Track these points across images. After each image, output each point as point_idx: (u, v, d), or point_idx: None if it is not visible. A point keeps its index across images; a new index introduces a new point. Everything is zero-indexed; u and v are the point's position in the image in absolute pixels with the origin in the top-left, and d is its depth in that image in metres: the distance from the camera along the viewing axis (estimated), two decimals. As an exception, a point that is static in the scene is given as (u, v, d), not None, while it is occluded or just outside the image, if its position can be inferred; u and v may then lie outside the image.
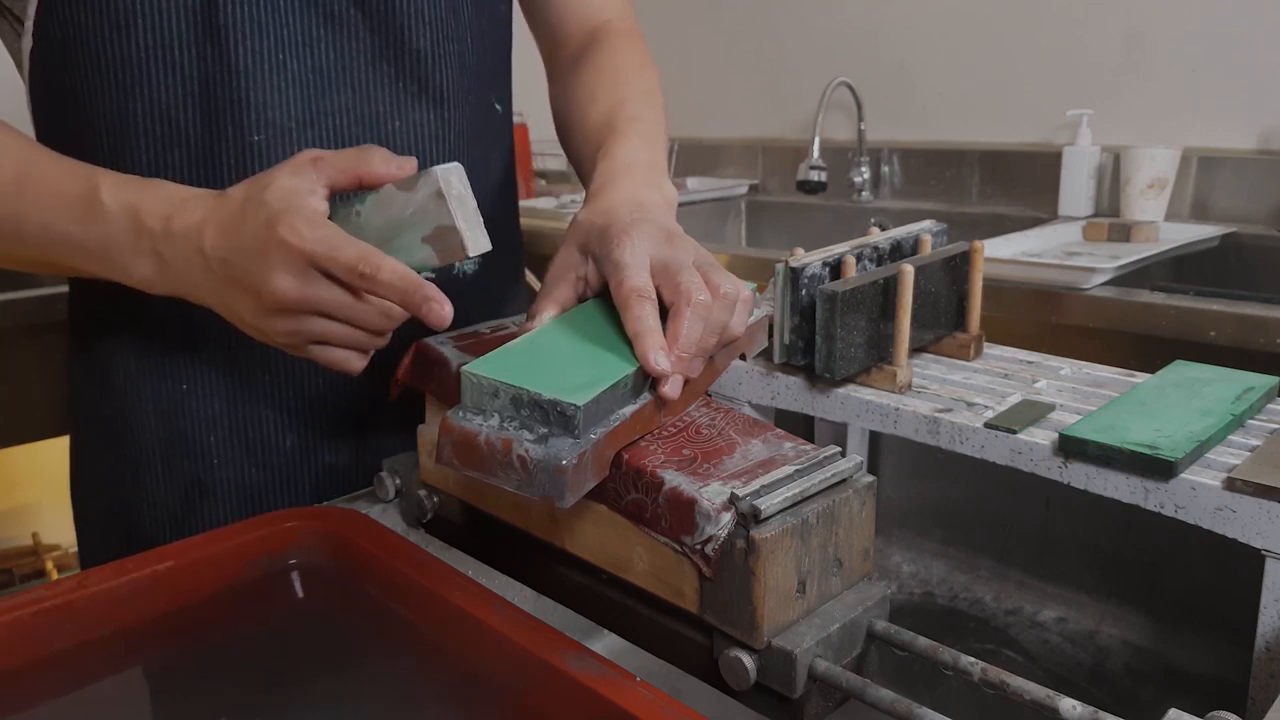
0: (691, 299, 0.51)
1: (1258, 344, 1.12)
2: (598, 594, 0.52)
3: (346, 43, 0.68)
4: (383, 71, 0.69)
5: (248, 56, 0.64)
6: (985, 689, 0.42)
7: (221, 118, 0.65)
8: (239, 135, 0.65)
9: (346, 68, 0.68)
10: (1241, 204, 1.64)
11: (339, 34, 0.67)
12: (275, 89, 0.65)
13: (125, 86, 0.64)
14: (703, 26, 2.36)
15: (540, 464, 0.43)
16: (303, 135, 0.67)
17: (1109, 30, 1.75)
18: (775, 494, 0.44)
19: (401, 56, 0.70)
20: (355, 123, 0.69)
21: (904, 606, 0.86)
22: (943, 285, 0.77)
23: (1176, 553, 0.75)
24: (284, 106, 0.66)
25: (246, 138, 0.65)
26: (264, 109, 0.65)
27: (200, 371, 0.71)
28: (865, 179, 2.05)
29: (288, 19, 0.65)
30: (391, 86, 0.70)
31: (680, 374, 0.49)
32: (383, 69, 0.69)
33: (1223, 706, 0.39)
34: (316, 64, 0.67)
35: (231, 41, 0.64)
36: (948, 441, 0.66)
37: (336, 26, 0.67)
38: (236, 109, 0.65)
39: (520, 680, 0.46)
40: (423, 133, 0.72)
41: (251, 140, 0.65)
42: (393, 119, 0.70)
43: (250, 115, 0.65)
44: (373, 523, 0.58)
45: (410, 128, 0.71)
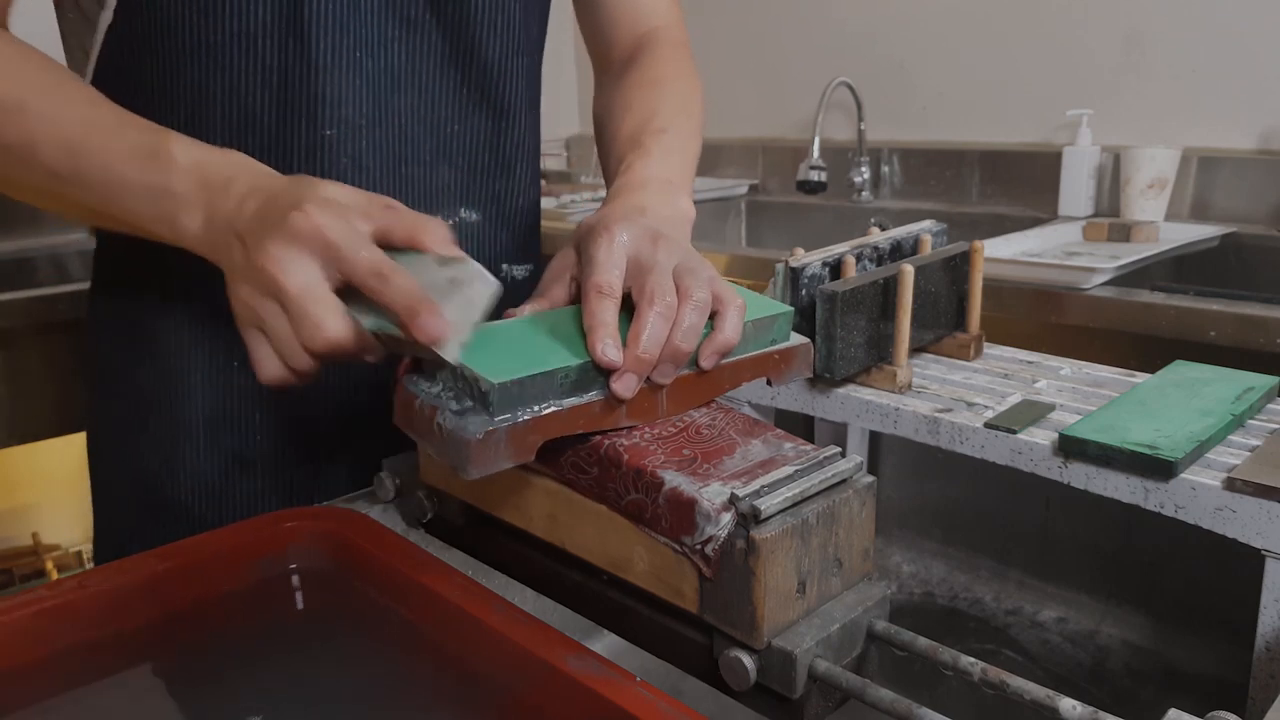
0: (655, 299, 0.50)
1: (1258, 344, 1.12)
2: (598, 594, 0.52)
3: (419, 46, 0.69)
4: (449, 77, 0.71)
5: (327, 53, 0.66)
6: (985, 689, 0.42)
7: (297, 109, 0.66)
8: (312, 128, 0.67)
9: (416, 70, 0.69)
10: (1241, 204, 1.64)
11: (413, 36, 0.69)
12: (350, 86, 0.67)
13: (207, 71, 0.65)
14: (703, 26, 2.36)
15: (451, 434, 0.46)
16: (371, 133, 0.68)
17: (1109, 30, 1.75)
18: (775, 494, 0.44)
19: (469, 65, 0.71)
20: (418, 124, 0.70)
21: (904, 606, 0.86)
22: (943, 285, 0.77)
23: (1176, 553, 0.75)
24: (356, 104, 0.67)
25: (319, 131, 0.67)
26: (338, 105, 0.67)
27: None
28: (865, 179, 2.05)
29: (367, 18, 0.67)
30: (456, 92, 0.72)
31: (634, 373, 0.49)
32: (450, 74, 0.71)
33: (1223, 706, 0.39)
34: (389, 64, 0.68)
35: (313, 36, 0.65)
36: (948, 441, 0.66)
37: (411, 29, 0.69)
38: (312, 102, 0.66)
39: (520, 680, 0.46)
40: (479, 139, 0.74)
41: (324, 134, 0.67)
42: (452, 123, 0.72)
43: (325, 110, 0.67)
44: (373, 523, 0.58)
45: (469, 133, 0.73)
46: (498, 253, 0.78)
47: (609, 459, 0.48)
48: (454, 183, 0.74)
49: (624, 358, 0.49)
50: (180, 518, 0.75)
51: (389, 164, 0.70)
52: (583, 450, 0.49)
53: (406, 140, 0.70)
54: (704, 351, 0.52)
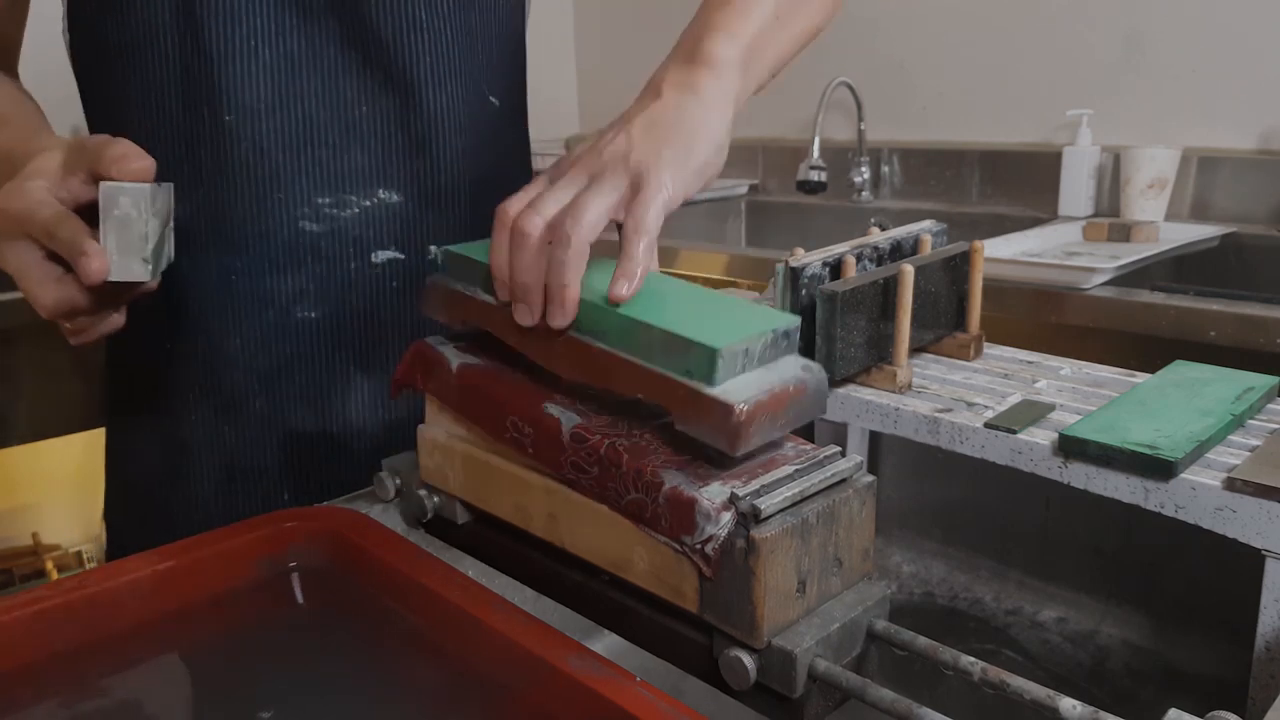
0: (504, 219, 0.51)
1: (1258, 344, 1.12)
2: (598, 594, 0.52)
3: (316, 31, 0.71)
4: (350, 58, 0.72)
5: (221, 43, 0.69)
6: (985, 689, 0.42)
7: (199, 100, 0.70)
8: (214, 116, 0.70)
9: (316, 54, 0.71)
10: (1241, 204, 1.64)
11: (309, 22, 0.71)
12: (247, 74, 0.70)
13: (124, 71, 0.71)
14: (703, 26, 2.36)
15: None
16: (271, 117, 0.71)
17: (1109, 30, 1.75)
18: (775, 494, 0.44)
19: (368, 45, 0.72)
20: (323, 107, 0.72)
21: (904, 606, 0.86)
22: (943, 285, 0.77)
23: (1176, 553, 0.75)
24: (254, 90, 0.70)
25: (220, 118, 0.70)
26: (236, 93, 0.70)
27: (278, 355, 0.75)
28: (865, 179, 2.05)
29: (260, 8, 0.70)
30: (359, 73, 0.73)
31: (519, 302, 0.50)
32: (350, 55, 0.72)
33: (1223, 706, 0.39)
34: (287, 50, 0.71)
35: (207, 30, 0.69)
36: (948, 441, 0.66)
37: (306, 15, 0.71)
38: (211, 92, 0.70)
39: (520, 680, 0.46)
40: (389, 118, 0.74)
41: (224, 120, 0.70)
42: (359, 104, 0.73)
43: (223, 98, 0.70)
44: (373, 523, 0.58)
45: (378, 113, 0.74)
46: (423, 233, 0.77)
47: (609, 459, 0.48)
48: (366, 164, 0.74)
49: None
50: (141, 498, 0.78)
51: (293, 147, 0.72)
52: (583, 450, 0.49)
53: (312, 123, 0.72)
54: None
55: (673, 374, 0.45)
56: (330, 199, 0.73)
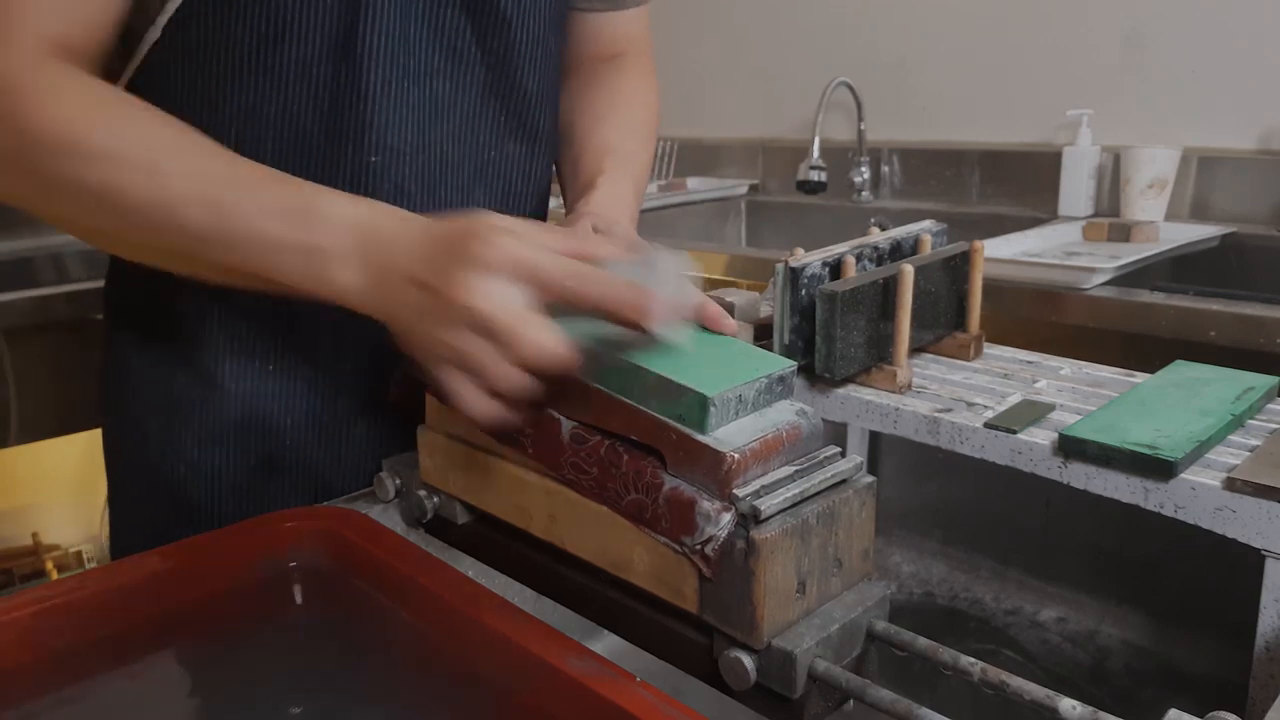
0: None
1: (1258, 344, 1.12)
2: (598, 594, 0.52)
3: (463, 77, 0.71)
4: (489, 106, 0.73)
5: (377, 84, 0.67)
6: (985, 689, 0.42)
7: (345, 136, 0.68)
8: (358, 154, 0.69)
9: (458, 100, 0.72)
10: (1241, 204, 1.64)
11: (458, 68, 0.71)
12: (396, 114, 0.69)
13: (263, 93, 0.66)
14: (703, 26, 2.36)
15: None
16: (415, 159, 0.71)
17: (1109, 30, 1.75)
18: (775, 494, 0.44)
19: (510, 94, 0.74)
20: (457, 149, 0.73)
21: (904, 606, 0.86)
22: (943, 285, 0.77)
23: (1176, 553, 0.75)
24: (400, 131, 0.69)
25: (365, 157, 0.69)
26: (384, 132, 0.69)
27: (285, 355, 0.73)
28: (865, 179, 2.05)
29: (416, 50, 0.68)
30: (495, 120, 0.74)
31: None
32: (490, 104, 0.73)
33: (1223, 706, 0.39)
34: (433, 94, 0.70)
35: (364, 67, 0.67)
36: (948, 441, 0.66)
37: (457, 61, 0.71)
38: (359, 130, 0.68)
39: (520, 680, 0.46)
40: (513, 165, 0.76)
41: (369, 160, 0.69)
42: (489, 149, 0.74)
43: (371, 137, 0.68)
44: (373, 523, 0.58)
45: (504, 158, 0.76)
46: None
47: (609, 459, 0.48)
48: (488, 206, 0.75)
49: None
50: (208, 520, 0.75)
51: (428, 189, 0.72)
52: (583, 450, 0.49)
53: (446, 165, 0.72)
54: None
55: (666, 418, 0.46)
56: None
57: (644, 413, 0.47)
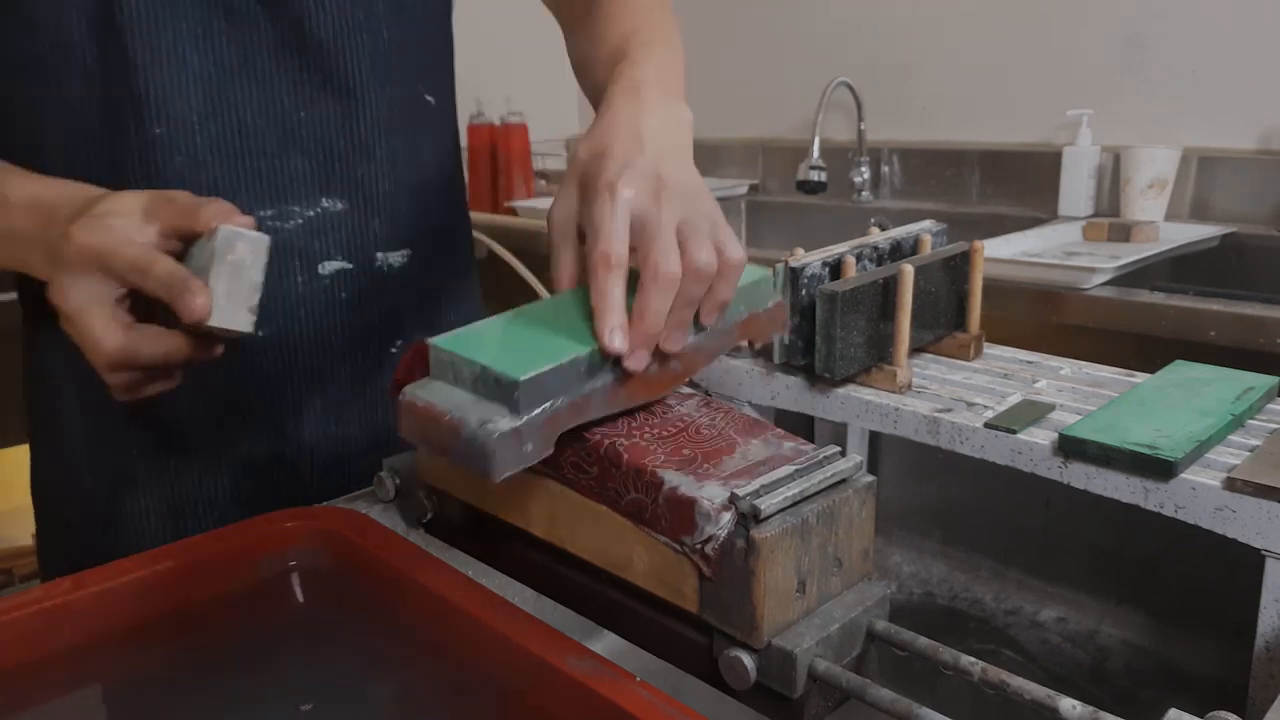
0: (658, 274, 0.48)
1: (1258, 344, 1.12)
2: (598, 594, 0.52)
3: (248, 35, 0.67)
4: (286, 64, 0.69)
5: (145, 51, 0.64)
6: (985, 689, 0.42)
7: (123, 113, 0.65)
8: (140, 130, 0.66)
9: (249, 60, 0.68)
10: (1241, 204, 1.64)
11: (239, 27, 0.67)
12: (176, 83, 0.66)
13: (35, 85, 0.65)
14: (703, 26, 2.36)
15: (474, 437, 0.44)
16: (205, 128, 0.67)
17: (1109, 30, 1.75)
18: (775, 494, 0.44)
19: (305, 48, 0.69)
20: (259, 114, 0.69)
21: (904, 606, 0.86)
22: (943, 285, 0.77)
23: (1176, 553, 0.75)
24: (185, 100, 0.66)
25: (148, 131, 0.66)
26: (164, 103, 0.65)
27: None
28: (865, 179, 2.05)
29: (186, 13, 0.65)
30: (296, 78, 0.69)
31: (643, 348, 0.48)
32: (286, 61, 0.69)
33: (1223, 706, 0.39)
34: (218, 58, 0.67)
35: (129, 37, 0.64)
36: (948, 441, 0.66)
37: (237, 20, 0.67)
38: (137, 103, 0.65)
39: (520, 680, 0.46)
40: (329, 124, 0.71)
41: (154, 134, 0.66)
42: (297, 109, 0.70)
43: (150, 110, 0.65)
44: (373, 523, 0.58)
45: (316, 119, 0.71)
46: (369, 241, 0.75)
47: (609, 459, 0.48)
48: (308, 171, 0.71)
49: (631, 334, 0.48)
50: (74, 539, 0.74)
51: (229, 158, 0.68)
52: (583, 450, 0.49)
53: (248, 132, 0.69)
54: (702, 310, 0.51)
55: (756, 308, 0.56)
56: (272, 210, 0.70)
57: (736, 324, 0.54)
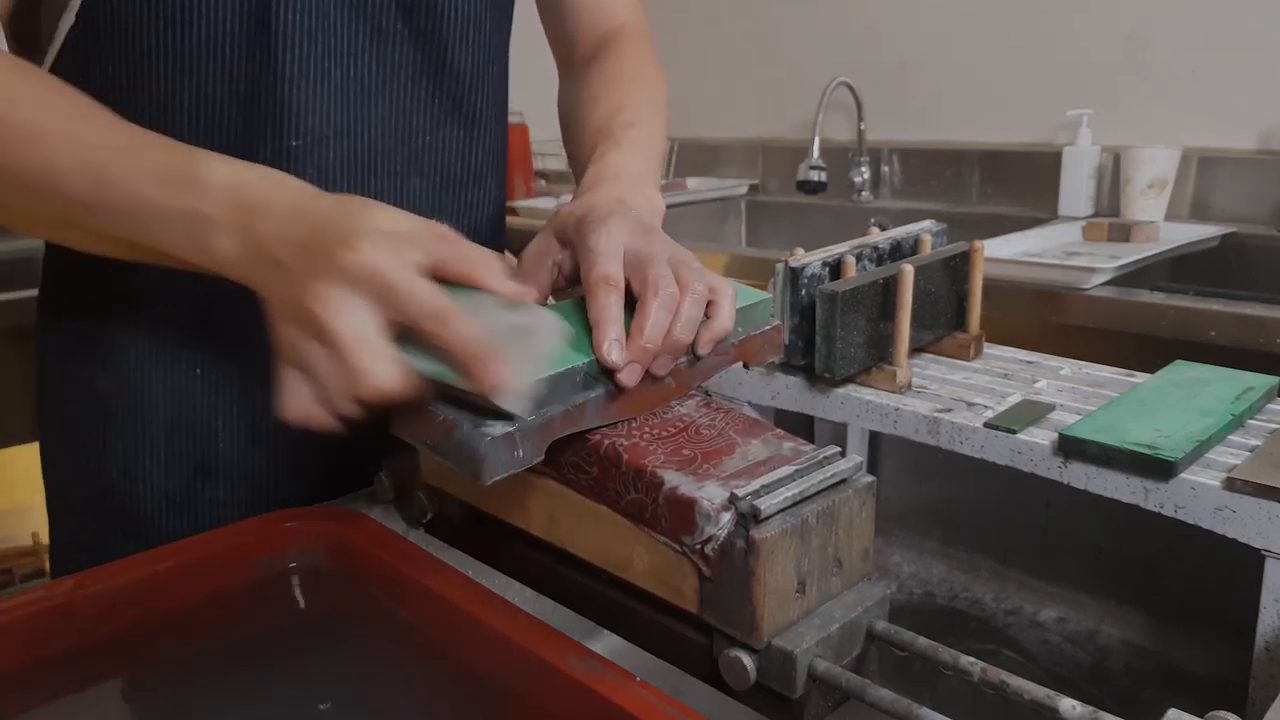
0: (659, 290, 0.50)
1: (1258, 344, 1.12)
2: (598, 594, 0.52)
3: (390, 56, 0.68)
4: (421, 87, 0.70)
5: (294, 63, 0.64)
6: (985, 689, 0.42)
7: (263, 119, 0.65)
8: (277, 138, 0.66)
9: (387, 81, 0.68)
10: (1241, 204, 1.64)
11: (384, 47, 0.68)
12: (317, 97, 0.66)
13: (174, 78, 0.64)
14: (703, 26, 2.36)
15: (466, 440, 0.45)
16: (339, 143, 0.67)
17: (1109, 30, 1.75)
18: (775, 494, 0.44)
19: (442, 75, 0.70)
20: (388, 134, 0.69)
21: (904, 606, 0.86)
22: (943, 285, 0.77)
23: (1176, 553, 0.75)
24: (323, 114, 0.66)
25: (285, 141, 0.66)
26: (304, 115, 0.66)
27: (213, 357, 0.71)
28: (865, 179, 2.05)
29: (336, 28, 0.65)
30: (428, 102, 0.70)
31: (638, 363, 0.49)
32: (421, 85, 0.70)
33: (1223, 706, 0.39)
34: (359, 74, 0.67)
35: (280, 46, 0.64)
36: (948, 441, 0.66)
37: (382, 40, 0.67)
38: (278, 112, 0.65)
39: (520, 680, 0.46)
40: (450, 149, 0.72)
41: (290, 145, 0.66)
42: (424, 134, 0.71)
43: (291, 120, 0.65)
44: (373, 523, 0.58)
45: (440, 143, 0.72)
46: None
47: (609, 459, 0.48)
48: (425, 194, 0.72)
49: (628, 348, 0.49)
50: (142, 530, 0.73)
51: (357, 176, 0.69)
52: (583, 450, 0.49)
53: (376, 151, 0.69)
54: (701, 339, 0.52)
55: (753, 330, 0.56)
56: None
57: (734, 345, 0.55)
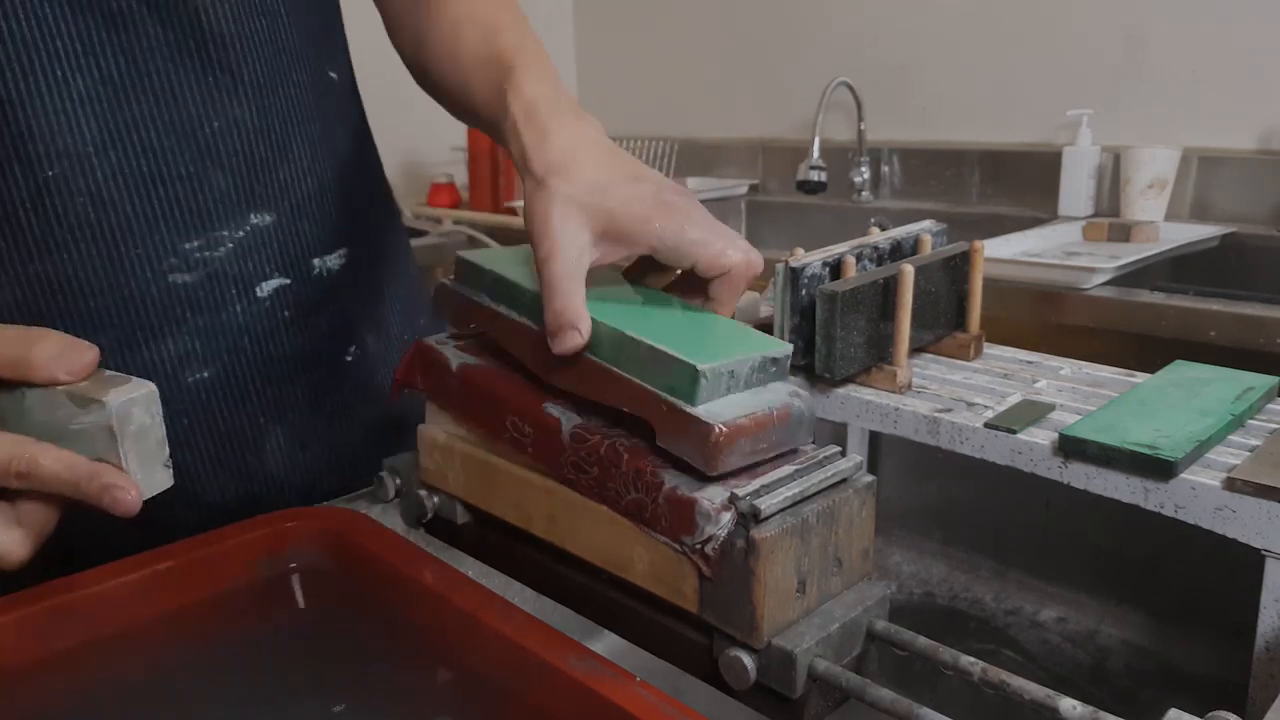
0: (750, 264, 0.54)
1: (1258, 344, 1.12)
2: (598, 594, 0.52)
3: (137, 43, 0.58)
4: (187, 68, 0.60)
5: (18, 80, 0.55)
6: (985, 689, 0.42)
7: (6, 156, 0.56)
8: (28, 173, 0.57)
9: (142, 72, 0.58)
10: (1241, 204, 1.64)
11: (125, 35, 0.58)
12: (60, 111, 0.56)
13: None
14: (703, 26, 2.36)
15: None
16: (104, 158, 0.58)
17: (1109, 30, 1.75)
18: (775, 494, 0.44)
19: (205, 46, 0.60)
20: (165, 133, 0.60)
21: (904, 606, 0.86)
22: (943, 285, 0.77)
23: (1176, 553, 0.75)
24: (75, 130, 0.57)
25: (39, 174, 0.57)
26: (51, 138, 0.56)
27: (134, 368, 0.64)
28: (865, 179, 2.05)
29: (59, 28, 0.55)
30: (200, 83, 0.61)
31: None
32: (186, 65, 0.60)
33: (1223, 706, 0.39)
34: (105, 74, 0.57)
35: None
36: (948, 441, 0.66)
37: (120, 27, 0.57)
38: (19, 142, 0.56)
39: (520, 680, 0.46)
40: (245, 129, 0.63)
41: (45, 175, 0.57)
42: (209, 120, 0.62)
43: (37, 147, 0.56)
44: (373, 523, 0.58)
45: (230, 126, 0.63)
46: (303, 249, 0.68)
47: (609, 459, 0.48)
48: (232, 187, 0.63)
49: None
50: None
51: (139, 188, 0.60)
52: (583, 450, 0.49)
53: (156, 155, 0.60)
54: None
55: (656, 389, 0.46)
56: (199, 240, 0.62)
57: (634, 383, 0.47)
